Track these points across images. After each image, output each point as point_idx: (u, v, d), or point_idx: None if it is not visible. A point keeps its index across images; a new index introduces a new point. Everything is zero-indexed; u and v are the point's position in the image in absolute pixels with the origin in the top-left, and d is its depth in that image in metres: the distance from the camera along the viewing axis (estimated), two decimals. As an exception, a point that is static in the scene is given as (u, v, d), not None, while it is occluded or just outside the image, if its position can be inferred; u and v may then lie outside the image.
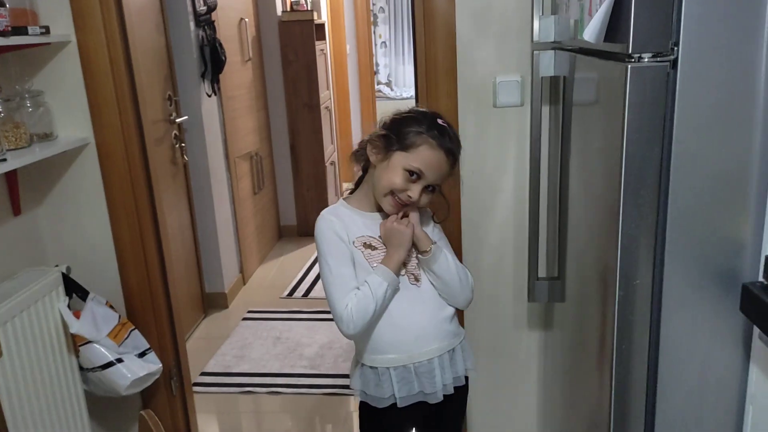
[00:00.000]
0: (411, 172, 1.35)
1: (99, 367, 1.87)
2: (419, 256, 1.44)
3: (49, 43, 1.82)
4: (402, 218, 1.42)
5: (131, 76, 1.93)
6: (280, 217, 4.59)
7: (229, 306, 3.47)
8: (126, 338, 1.93)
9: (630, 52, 1.02)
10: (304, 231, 4.56)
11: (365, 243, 1.42)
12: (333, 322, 1.40)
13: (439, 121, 1.39)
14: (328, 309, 1.40)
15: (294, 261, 4.14)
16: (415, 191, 1.36)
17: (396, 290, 1.41)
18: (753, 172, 1.04)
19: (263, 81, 4.25)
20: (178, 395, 2.19)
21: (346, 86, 5.64)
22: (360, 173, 1.49)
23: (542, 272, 1.89)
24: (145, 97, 2.00)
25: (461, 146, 1.44)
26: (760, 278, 1.04)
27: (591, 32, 1.09)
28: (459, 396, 1.52)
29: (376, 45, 7.47)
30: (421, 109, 1.45)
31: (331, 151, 4.80)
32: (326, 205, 1.53)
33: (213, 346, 3.02)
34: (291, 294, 3.61)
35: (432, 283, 1.46)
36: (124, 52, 1.89)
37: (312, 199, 4.51)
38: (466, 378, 1.54)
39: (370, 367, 1.44)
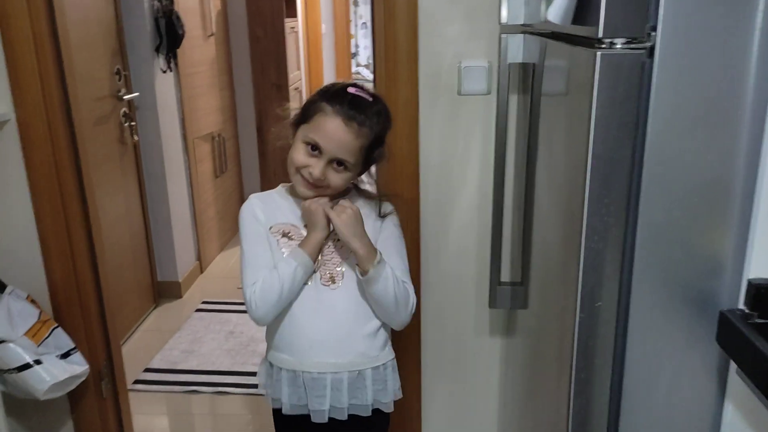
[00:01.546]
0: (310, 146, 1.25)
1: (14, 369, 1.69)
2: (359, 274, 1.27)
3: (-42, 6, 1.61)
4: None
5: (57, 49, 1.73)
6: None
7: (183, 296, 3.30)
8: (47, 337, 1.75)
9: (600, 36, 0.87)
10: (269, 217, 4.38)
11: (283, 231, 1.33)
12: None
13: (352, 89, 1.26)
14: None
15: (257, 248, 3.96)
16: (316, 167, 1.24)
17: (308, 274, 1.28)
18: (737, 182, 0.89)
19: (228, 58, 4.04)
20: (109, 397, 2.02)
21: (320, 67, 5.43)
22: None
23: (505, 276, 1.74)
24: (85, 71, 1.81)
25: (387, 119, 1.30)
26: (741, 305, 0.90)
27: (555, 12, 0.93)
28: (363, 427, 1.35)
29: (356, 26, 7.25)
30: (340, 82, 1.32)
31: (300, 134, 4.61)
32: (294, 190, 1.40)
33: (161, 340, 2.85)
34: (250, 284, 3.43)
35: (358, 291, 1.30)
36: (48, 21, 1.70)
37: (279, 183, 4.32)
38: (377, 411, 1.36)
39: (270, 362, 1.35)
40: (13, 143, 1.75)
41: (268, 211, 1.34)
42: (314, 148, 1.24)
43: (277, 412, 1.40)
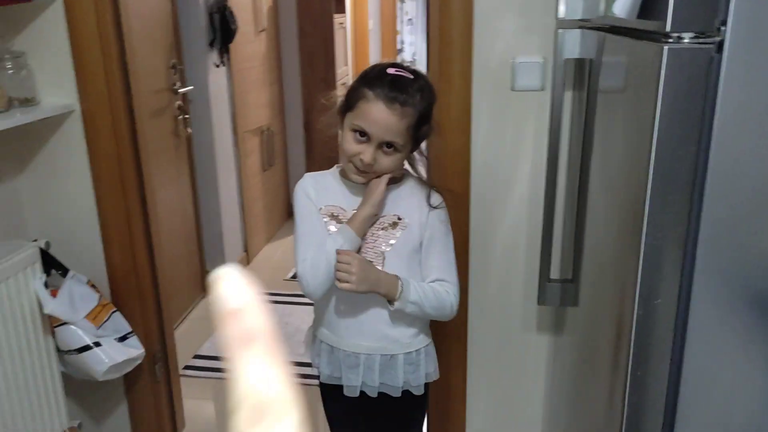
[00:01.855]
0: (357, 132, 1.25)
1: (75, 350, 1.76)
2: (389, 305, 1.30)
3: (30, 0, 1.68)
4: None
5: (121, 42, 1.79)
6: (291, 195, 4.46)
7: (230, 286, 3.36)
8: (106, 320, 1.82)
9: (668, 30, 0.86)
10: (314, 211, 4.43)
11: (332, 213, 1.35)
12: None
13: (391, 70, 1.24)
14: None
15: (302, 241, 4.01)
16: (367, 153, 1.25)
17: (355, 248, 1.30)
18: (806, 181, 0.87)
19: (278, 53, 4.10)
20: (162, 381, 2.08)
21: (366, 62, 5.45)
22: None
23: (555, 273, 1.73)
24: (143, 65, 1.87)
25: (429, 94, 1.28)
26: (807, 306, 0.88)
27: (622, 5, 0.92)
28: (397, 406, 1.40)
29: (402, 22, 7.25)
30: (380, 63, 1.31)
31: (346, 129, 4.65)
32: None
33: (210, 328, 2.91)
34: (295, 276, 3.48)
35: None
36: (113, 16, 1.75)
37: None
38: (408, 393, 1.40)
39: (313, 333, 1.43)
40: (78, 133, 1.82)
41: (320, 191, 1.36)
42: (362, 134, 1.25)
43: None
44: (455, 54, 1.66)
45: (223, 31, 3.08)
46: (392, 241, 1.34)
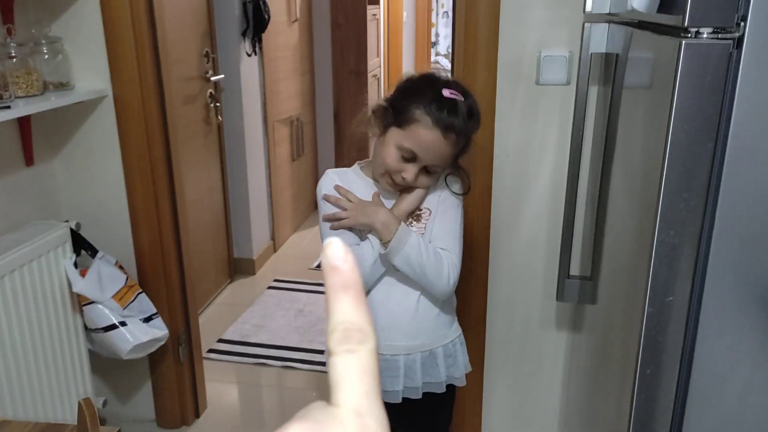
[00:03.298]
0: (403, 151, 1.20)
1: (101, 328, 1.81)
2: (381, 246, 1.25)
3: (68, -12, 1.73)
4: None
5: (153, 30, 1.83)
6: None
7: (256, 273, 3.41)
8: (132, 301, 1.87)
9: (686, 25, 0.85)
10: (342, 201, 4.46)
11: None
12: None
13: (447, 92, 1.19)
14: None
15: (329, 231, 4.04)
16: (409, 173, 1.21)
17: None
18: (825, 181, 0.85)
19: (310, 44, 4.12)
20: (185, 362, 2.13)
21: (399, 55, 5.45)
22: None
23: (575, 270, 1.72)
24: (176, 53, 1.91)
25: (478, 119, 1.24)
26: (821, 308, 0.86)
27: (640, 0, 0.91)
28: (443, 402, 1.39)
29: (438, 15, 7.22)
30: (434, 76, 1.25)
31: (376, 121, 4.65)
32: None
33: (235, 313, 2.97)
34: (320, 266, 3.51)
35: None
36: (146, 4, 1.80)
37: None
38: (450, 386, 1.38)
39: None
40: (109, 118, 1.87)
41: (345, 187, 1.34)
42: (408, 154, 1.20)
43: None
44: (481, 45, 1.66)
45: (256, 20, 3.11)
46: (422, 233, 1.31)
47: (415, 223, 1.32)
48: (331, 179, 1.32)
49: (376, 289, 1.31)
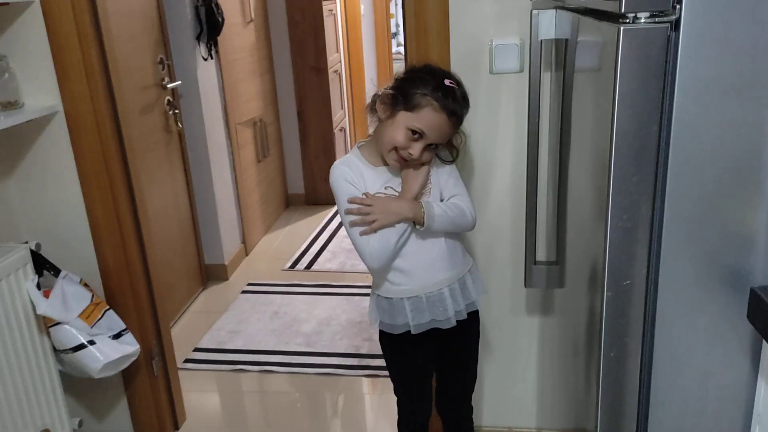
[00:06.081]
0: (413, 132, 1.40)
1: (70, 349, 1.78)
2: (417, 226, 1.47)
3: (8, 3, 1.68)
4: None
5: (100, 42, 1.79)
6: (288, 185, 4.47)
7: (229, 278, 3.39)
8: (99, 319, 1.84)
9: (623, 10, 0.85)
10: (312, 199, 4.44)
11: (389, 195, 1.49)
12: (333, 297, 1.47)
13: (447, 82, 1.41)
14: (329, 282, 1.46)
15: (300, 231, 4.03)
16: (416, 149, 1.41)
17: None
18: (769, 157, 0.87)
19: (268, 43, 4.08)
20: (160, 375, 2.11)
21: (359, 49, 5.42)
22: (377, 124, 1.52)
23: (541, 256, 1.73)
24: (128, 63, 1.87)
25: (468, 104, 1.45)
26: (773, 282, 0.88)
27: (580, -13, 0.91)
28: (473, 321, 1.61)
29: (396, 5, 7.19)
30: (433, 68, 1.47)
31: (340, 116, 4.64)
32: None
33: (209, 320, 2.94)
34: (293, 266, 3.50)
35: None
36: (91, 16, 1.75)
37: (320, 167, 4.37)
38: (472, 314, 1.59)
39: (385, 297, 1.53)
40: (62, 134, 1.83)
41: (357, 177, 1.48)
42: (415, 133, 1.40)
43: (394, 337, 1.56)
44: (432, 38, 1.66)
45: (209, 24, 3.07)
46: (430, 191, 1.51)
47: (426, 197, 1.50)
48: (343, 170, 1.48)
49: (409, 243, 1.49)
